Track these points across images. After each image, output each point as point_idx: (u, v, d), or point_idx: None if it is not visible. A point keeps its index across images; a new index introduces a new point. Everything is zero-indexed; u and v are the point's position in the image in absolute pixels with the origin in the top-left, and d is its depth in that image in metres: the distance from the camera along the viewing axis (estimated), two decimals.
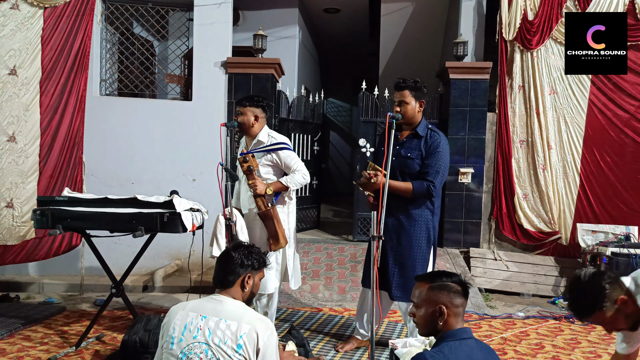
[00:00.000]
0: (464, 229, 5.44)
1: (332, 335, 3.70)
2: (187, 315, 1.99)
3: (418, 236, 3.12)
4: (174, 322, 2.00)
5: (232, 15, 5.39)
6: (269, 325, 2.01)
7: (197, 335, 1.94)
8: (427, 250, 3.15)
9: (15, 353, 3.24)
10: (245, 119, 3.32)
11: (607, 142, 5.18)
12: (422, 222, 3.12)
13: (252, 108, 3.33)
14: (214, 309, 2.00)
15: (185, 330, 1.96)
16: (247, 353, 1.92)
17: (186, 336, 1.95)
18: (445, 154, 3.09)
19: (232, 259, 2.11)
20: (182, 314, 2.01)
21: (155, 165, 5.23)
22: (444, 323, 1.78)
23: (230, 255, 2.12)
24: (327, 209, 8.33)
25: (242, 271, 2.10)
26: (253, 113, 3.33)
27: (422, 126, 3.15)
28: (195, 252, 3.80)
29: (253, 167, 3.16)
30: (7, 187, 4.61)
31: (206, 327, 1.95)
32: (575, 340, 3.73)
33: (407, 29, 7.13)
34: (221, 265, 2.13)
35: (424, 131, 3.13)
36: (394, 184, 3.01)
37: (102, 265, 3.47)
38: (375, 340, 2.55)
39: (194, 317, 1.98)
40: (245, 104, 3.34)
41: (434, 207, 3.15)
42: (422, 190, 3.04)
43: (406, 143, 3.15)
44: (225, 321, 1.96)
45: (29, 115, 4.67)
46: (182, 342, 1.95)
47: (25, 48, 4.66)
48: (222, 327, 1.95)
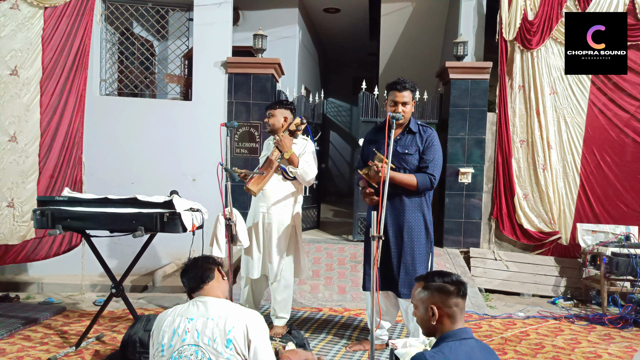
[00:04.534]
0: (464, 229, 5.44)
1: (332, 335, 3.70)
2: (174, 321, 1.99)
3: (418, 231, 3.18)
4: (163, 329, 1.99)
5: (232, 15, 5.40)
6: (257, 316, 2.02)
7: (186, 339, 1.94)
8: (427, 245, 3.22)
9: (15, 353, 3.24)
10: (275, 120, 3.56)
11: (607, 142, 5.18)
12: (420, 217, 3.19)
13: (281, 110, 3.58)
14: (199, 310, 2.00)
15: (174, 335, 1.96)
16: (239, 347, 1.92)
17: (175, 341, 1.95)
18: (439, 147, 3.22)
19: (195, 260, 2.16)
20: (169, 320, 2.01)
21: (155, 165, 5.23)
22: (438, 323, 1.78)
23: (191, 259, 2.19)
24: (327, 209, 8.33)
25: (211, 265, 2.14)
26: (282, 115, 3.57)
27: (413, 122, 3.25)
28: (195, 252, 3.80)
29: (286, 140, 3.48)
30: (8, 187, 4.61)
31: (194, 329, 1.95)
32: (575, 340, 3.73)
33: (407, 29, 7.13)
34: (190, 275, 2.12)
35: (416, 127, 3.24)
36: (398, 176, 3.09)
37: (102, 265, 3.47)
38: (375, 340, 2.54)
39: (181, 321, 1.98)
40: (275, 107, 3.60)
41: (429, 202, 3.25)
42: (426, 183, 3.12)
43: (400, 140, 3.21)
44: (212, 319, 1.96)
45: (29, 115, 4.67)
46: (172, 348, 1.94)
47: (26, 48, 4.66)
48: (210, 325, 1.95)
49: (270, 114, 3.61)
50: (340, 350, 3.39)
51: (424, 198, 3.20)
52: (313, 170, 3.54)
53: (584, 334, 3.88)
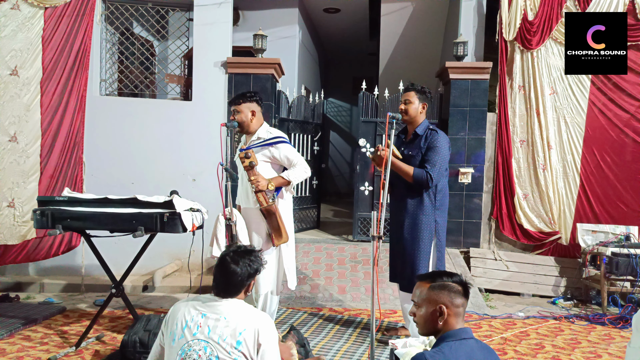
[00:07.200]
0: (464, 229, 5.44)
1: (332, 335, 3.70)
2: (189, 313, 2.01)
3: (420, 226, 3.31)
4: (177, 318, 2.02)
5: (232, 15, 5.40)
6: (269, 321, 2.04)
7: (197, 333, 1.96)
8: (429, 241, 3.31)
9: (15, 353, 3.24)
10: (243, 116, 3.31)
11: (607, 142, 5.18)
12: (424, 213, 3.32)
13: (247, 104, 3.31)
14: (214, 307, 2.02)
15: (185, 327, 1.98)
16: (247, 349, 1.94)
17: (186, 333, 1.97)
18: (442, 150, 3.29)
19: (237, 273, 2.05)
20: (184, 310, 2.03)
21: (155, 165, 5.23)
22: (444, 323, 1.79)
23: (234, 270, 2.05)
24: (327, 209, 8.33)
25: (248, 281, 2.10)
26: (249, 108, 3.31)
27: (422, 126, 3.41)
28: (195, 252, 3.80)
29: (254, 163, 3.16)
30: (8, 187, 4.61)
31: (206, 324, 1.97)
32: (575, 340, 3.73)
33: (407, 29, 7.13)
34: (225, 279, 2.06)
35: (424, 131, 3.38)
36: (398, 163, 3.29)
37: (102, 265, 3.47)
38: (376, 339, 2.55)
39: (195, 315, 2.00)
40: (239, 101, 3.32)
41: (436, 201, 3.34)
42: (421, 177, 3.25)
43: (409, 143, 3.44)
44: (225, 319, 1.98)
45: (29, 116, 4.67)
46: (182, 339, 1.97)
47: (26, 48, 4.66)
48: (222, 324, 1.96)
49: (235, 110, 3.31)
50: (340, 350, 3.40)
51: (427, 196, 3.32)
52: (301, 165, 3.32)
53: (584, 334, 3.88)
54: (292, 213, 3.56)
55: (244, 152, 3.18)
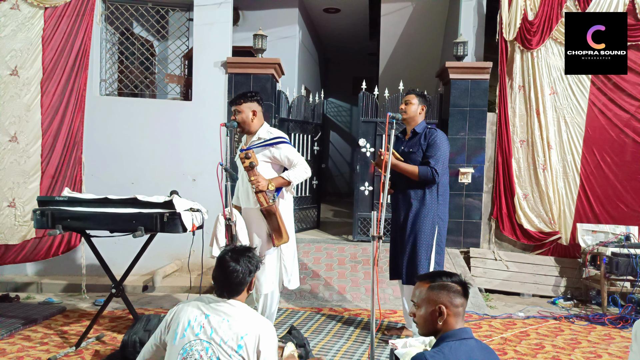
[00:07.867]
0: (464, 229, 5.44)
1: (332, 335, 3.70)
2: (192, 312, 2.02)
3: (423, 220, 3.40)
4: (180, 317, 2.02)
5: (232, 15, 5.40)
6: (271, 328, 2.05)
7: (199, 333, 1.96)
8: (432, 235, 3.41)
9: (15, 353, 3.24)
10: (244, 116, 3.31)
11: (607, 142, 5.18)
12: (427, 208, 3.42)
13: (248, 103, 3.31)
14: (217, 309, 2.02)
15: (188, 327, 1.99)
16: (247, 354, 1.94)
17: (188, 333, 1.97)
18: (442, 145, 3.43)
19: (237, 271, 2.05)
20: (187, 310, 2.03)
21: (155, 165, 5.23)
22: (444, 323, 1.78)
23: (235, 268, 2.05)
24: (327, 209, 8.33)
25: (249, 279, 2.10)
26: (250, 108, 3.32)
27: (420, 126, 3.57)
28: (195, 252, 3.80)
29: (255, 163, 3.17)
30: (9, 187, 4.62)
31: (209, 325, 1.97)
32: (576, 340, 3.73)
33: (407, 29, 7.13)
34: (227, 278, 2.05)
35: (422, 129, 3.55)
36: (401, 164, 3.42)
37: (102, 265, 3.47)
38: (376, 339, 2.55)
39: (198, 315, 2.00)
40: (240, 101, 3.31)
41: (438, 196, 3.45)
42: (427, 174, 3.36)
43: (409, 142, 3.57)
44: (228, 321, 1.98)
45: (30, 116, 4.68)
46: (184, 339, 1.97)
47: (26, 48, 4.66)
48: (225, 326, 1.97)
49: (236, 110, 3.32)
50: (340, 350, 3.40)
51: (429, 192, 3.42)
52: (302, 165, 3.32)
53: (584, 334, 3.88)
54: (292, 213, 3.55)
55: (244, 153, 3.18)
